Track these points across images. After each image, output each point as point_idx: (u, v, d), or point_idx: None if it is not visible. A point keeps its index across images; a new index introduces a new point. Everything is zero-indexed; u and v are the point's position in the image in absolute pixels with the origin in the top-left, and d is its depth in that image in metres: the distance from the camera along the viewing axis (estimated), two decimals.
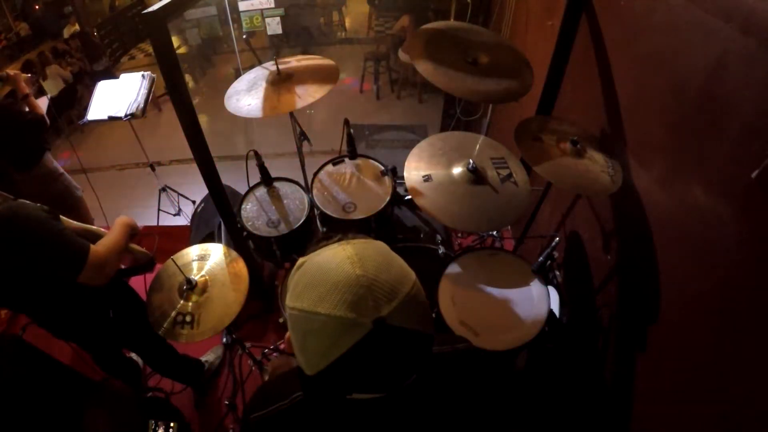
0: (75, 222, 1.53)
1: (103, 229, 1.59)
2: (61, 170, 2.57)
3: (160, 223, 3.32)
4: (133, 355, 2.16)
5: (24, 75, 2.33)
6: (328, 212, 1.69)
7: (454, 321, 1.40)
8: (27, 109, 2.30)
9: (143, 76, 2.84)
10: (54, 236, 1.21)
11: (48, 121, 2.40)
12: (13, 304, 1.51)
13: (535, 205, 1.81)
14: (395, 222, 2.00)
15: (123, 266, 1.54)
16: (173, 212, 3.38)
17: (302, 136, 1.91)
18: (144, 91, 2.79)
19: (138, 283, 1.69)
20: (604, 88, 1.55)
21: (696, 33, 1.07)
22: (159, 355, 1.91)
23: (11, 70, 2.29)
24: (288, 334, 0.60)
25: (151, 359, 1.95)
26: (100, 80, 2.97)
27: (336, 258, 0.55)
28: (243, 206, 1.81)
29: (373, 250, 0.58)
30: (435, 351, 0.64)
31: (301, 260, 0.60)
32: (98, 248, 1.30)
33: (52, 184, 2.50)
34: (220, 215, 1.88)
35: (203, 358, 2.24)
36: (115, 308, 1.58)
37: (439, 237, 1.82)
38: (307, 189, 1.84)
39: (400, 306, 0.52)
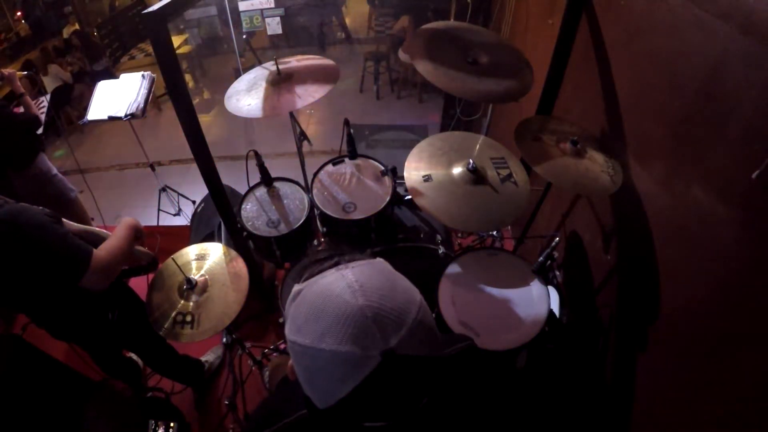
0: (76, 224, 1.52)
1: (105, 230, 1.59)
2: (55, 171, 2.55)
3: (160, 223, 3.32)
4: (133, 355, 2.16)
5: (20, 73, 2.33)
6: (328, 212, 1.69)
7: (454, 321, 1.40)
8: (22, 109, 2.30)
9: (143, 76, 2.84)
10: (56, 240, 1.19)
11: (42, 120, 2.39)
12: (12, 303, 1.51)
13: (535, 205, 1.81)
14: (395, 222, 2.00)
15: (124, 266, 1.54)
16: (173, 212, 3.38)
17: (302, 136, 1.91)
18: (144, 91, 2.79)
19: (139, 283, 1.68)
20: (604, 88, 1.55)
21: (696, 33, 1.06)
22: (159, 355, 1.91)
23: (6, 70, 2.28)
24: (291, 362, 0.56)
25: (151, 360, 1.95)
26: (100, 80, 2.97)
27: (335, 287, 0.52)
28: (243, 206, 1.81)
29: (374, 273, 0.54)
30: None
31: (297, 288, 0.56)
32: (100, 253, 1.27)
33: (46, 186, 2.48)
34: (220, 215, 1.88)
35: (203, 358, 2.24)
36: (114, 310, 1.57)
37: (439, 237, 1.82)
38: (307, 189, 1.84)
39: (409, 333, 0.49)
